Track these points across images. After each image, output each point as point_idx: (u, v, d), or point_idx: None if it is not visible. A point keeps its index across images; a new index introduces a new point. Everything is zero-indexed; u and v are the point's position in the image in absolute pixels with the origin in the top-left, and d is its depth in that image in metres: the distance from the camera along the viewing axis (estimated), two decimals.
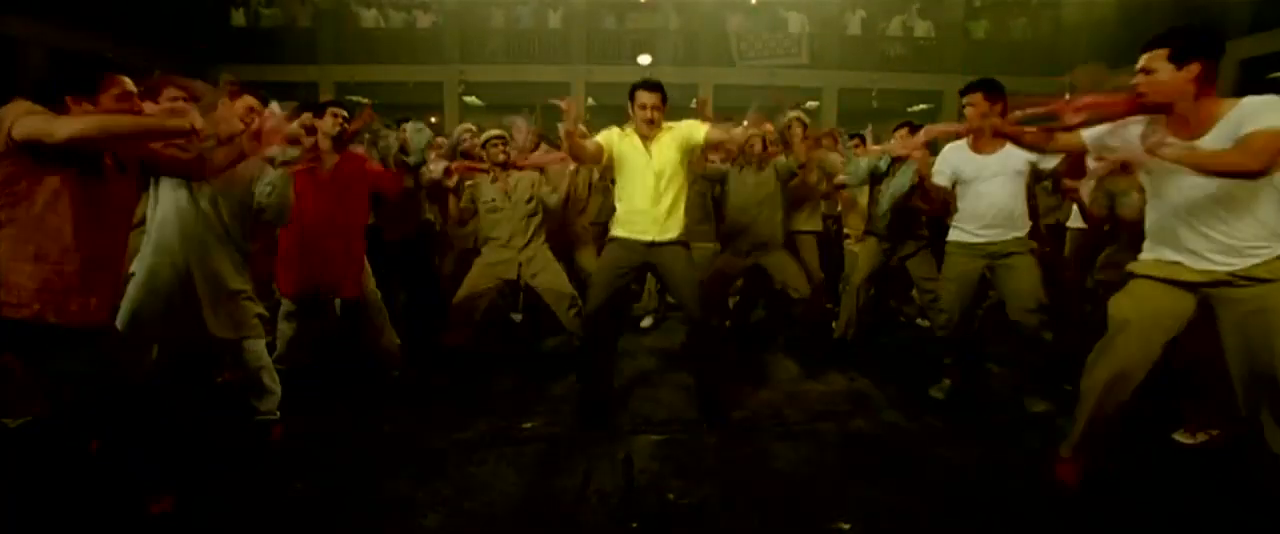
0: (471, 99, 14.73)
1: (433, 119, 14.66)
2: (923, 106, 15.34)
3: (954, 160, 3.12)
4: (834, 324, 4.31)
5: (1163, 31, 2.01)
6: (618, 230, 3.04)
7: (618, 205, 3.08)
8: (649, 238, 2.97)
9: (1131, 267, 2.28)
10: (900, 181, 3.58)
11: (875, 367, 3.94)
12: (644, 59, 13.81)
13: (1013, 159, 2.95)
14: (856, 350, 4.10)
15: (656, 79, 3.00)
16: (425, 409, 3.22)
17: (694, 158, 3.25)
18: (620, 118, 3.18)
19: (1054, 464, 2.45)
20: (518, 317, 4.62)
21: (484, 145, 3.86)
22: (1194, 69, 1.95)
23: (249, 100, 2.68)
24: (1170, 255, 2.15)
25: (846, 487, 2.51)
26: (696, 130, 2.96)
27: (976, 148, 3.04)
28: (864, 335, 4.12)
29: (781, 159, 3.81)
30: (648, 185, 2.94)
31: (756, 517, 2.31)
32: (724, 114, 4.16)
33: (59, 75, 1.99)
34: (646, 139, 2.95)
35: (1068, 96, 2.21)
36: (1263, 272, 1.99)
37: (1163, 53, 1.98)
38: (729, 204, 3.97)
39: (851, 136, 4.71)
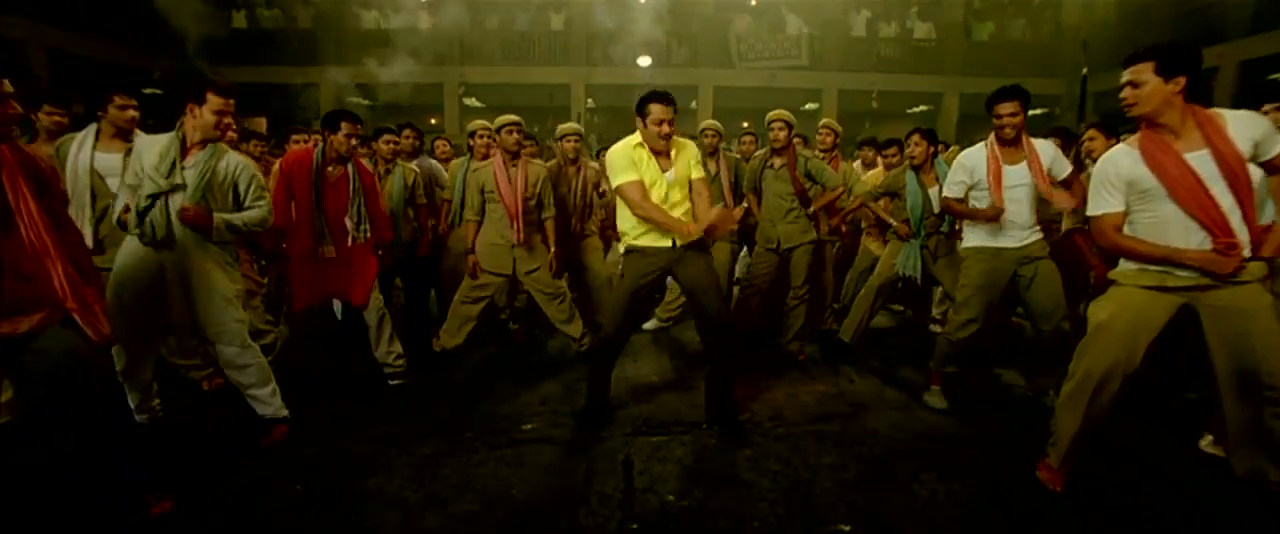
0: (471, 100, 14.73)
1: (433, 120, 14.73)
2: (922, 108, 15.37)
3: (975, 168, 3.13)
4: (838, 327, 4.31)
5: (1147, 46, 2.08)
6: (637, 240, 2.96)
7: (630, 217, 2.96)
8: (668, 243, 2.91)
9: (1114, 275, 2.31)
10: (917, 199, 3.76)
11: (876, 369, 3.95)
12: (644, 61, 13.80)
13: (1035, 167, 3.01)
14: (857, 352, 4.11)
15: (660, 84, 2.96)
16: (425, 410, 3.22)
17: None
18: (619, 118, 3.15)
19: (1041, 471, 2.47)
20: (514, 326, 4.61)
21: (498, 131, 3.77)
22: (1181, 81, 2.03)
23: None
24: (1158, 266, 2.17)
25: (846, 487, 2.51)
26: (695, 168, 2.96)
27: (1001, 157, 3.07)
28: (865, 338, 4.12)
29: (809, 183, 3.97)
30: (665, 195, 2.90)
31: (756, 517, 2.31)
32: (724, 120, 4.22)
33: None
34: (660, 151, 2.91)
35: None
36: (1243, 274, 2.06)
37: (1150, 66, 2.05)
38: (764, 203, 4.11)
39: (886, 143, 4.65)
